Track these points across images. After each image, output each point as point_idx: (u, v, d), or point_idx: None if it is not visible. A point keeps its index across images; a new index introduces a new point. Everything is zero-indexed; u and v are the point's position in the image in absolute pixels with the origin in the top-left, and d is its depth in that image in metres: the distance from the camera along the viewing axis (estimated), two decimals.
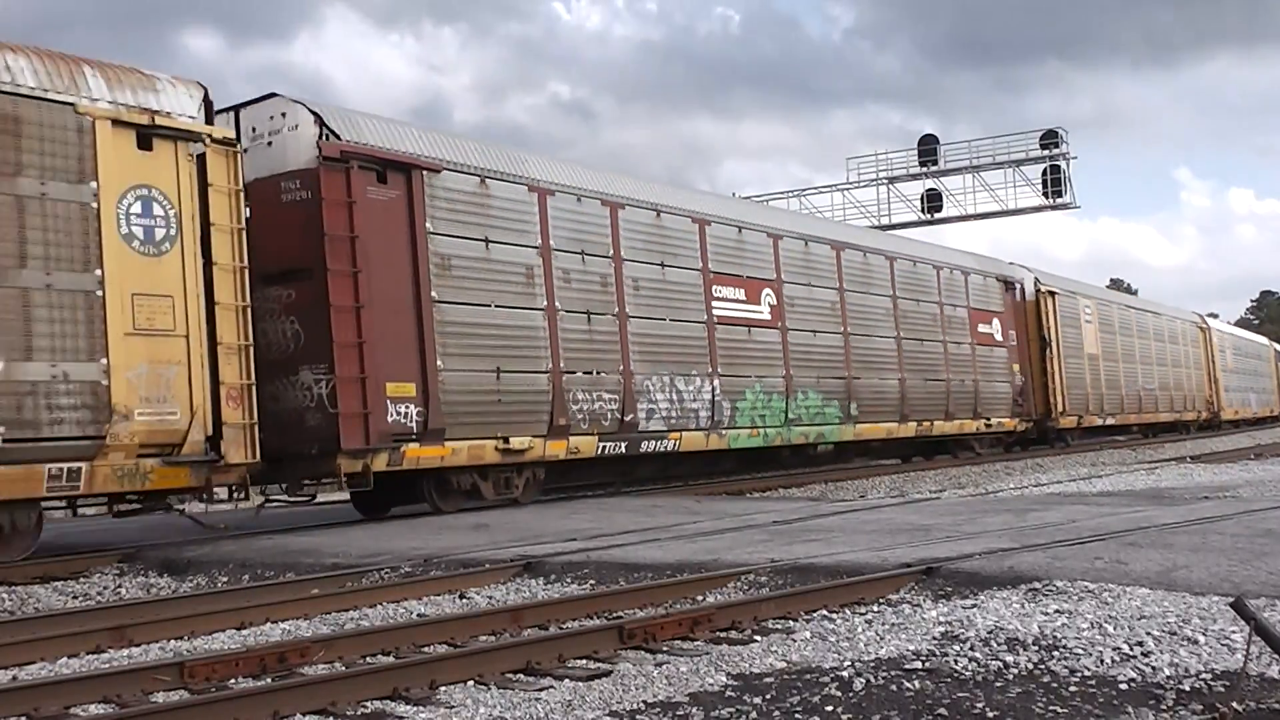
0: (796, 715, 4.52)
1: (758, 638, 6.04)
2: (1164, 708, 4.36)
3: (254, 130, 12.82)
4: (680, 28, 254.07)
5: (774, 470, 19.83)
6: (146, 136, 10.84)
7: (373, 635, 6.39)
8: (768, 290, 18.33)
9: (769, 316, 18.28)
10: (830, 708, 4.56)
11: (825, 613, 6.58)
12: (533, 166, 14.99)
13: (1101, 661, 5.02)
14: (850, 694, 4.74)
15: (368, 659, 6.04)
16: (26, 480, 9.86)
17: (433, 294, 13.17)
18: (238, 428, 11.13)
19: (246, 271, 11.41)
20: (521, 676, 5.47)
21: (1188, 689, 4.56)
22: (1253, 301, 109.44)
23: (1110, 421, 30.11)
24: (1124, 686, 4.66)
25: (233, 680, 5.60)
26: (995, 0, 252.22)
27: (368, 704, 5.08)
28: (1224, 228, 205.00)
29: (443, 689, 5.27)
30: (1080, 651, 5.18)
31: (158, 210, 10.84)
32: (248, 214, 11.58)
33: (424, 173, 13.31)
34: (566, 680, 5.32)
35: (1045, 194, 37.48)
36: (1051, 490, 15.20)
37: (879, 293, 21.28)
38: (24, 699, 5.15)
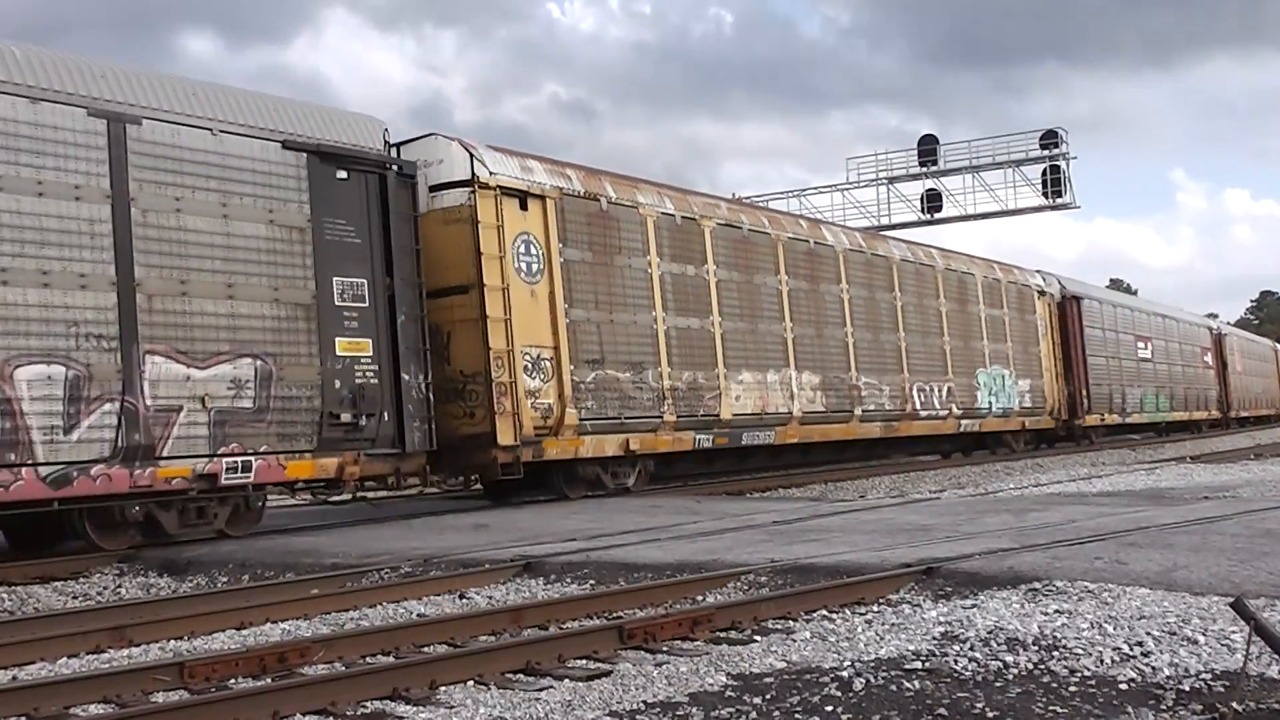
0: (796, 715, 4.52)
1: (758, 638, 6.04)
2: (1164, 708, 4.36)
3: None
4: (674, 28, 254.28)
5: (1149, 434, 35.80)
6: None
7: (373, 635, 6.39)
8: (1149, 342, 34.59)
9: (1150, 356, 34.59)
10: (830, 708, 4.56)
11: (825, 613, 6.58)
12: (1070, 283, 30.42)
13: (1101, 661, 5.02)
14: (850, 694, 4.74)
15: (368, 659, 6.04)
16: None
17: (1085, 353, 29.11)
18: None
19: None
20: (521, 676, 5.47)
21: (1187, 689, 4.56)
22: (1252, 302, 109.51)
23: (1246, 414, 46.17)
24: (1124, 686, 4.66)
25: (233, 680, 5.60)
26: (993, 1, 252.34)
27: (368, 704, 5.08)
28: (1220, 228, 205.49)
29: (443, 689, 5.27)
30: (1080, 651, 5.18)
31: None
32: None
33: (1081, 301, 29.69)
34: (566, 680, 5.32)
35: (1045, 194, 37.38)
36: (1051, 490, 15.20)
37: (1174, 341, 37.49)
38: (24, 699, 5.14)
